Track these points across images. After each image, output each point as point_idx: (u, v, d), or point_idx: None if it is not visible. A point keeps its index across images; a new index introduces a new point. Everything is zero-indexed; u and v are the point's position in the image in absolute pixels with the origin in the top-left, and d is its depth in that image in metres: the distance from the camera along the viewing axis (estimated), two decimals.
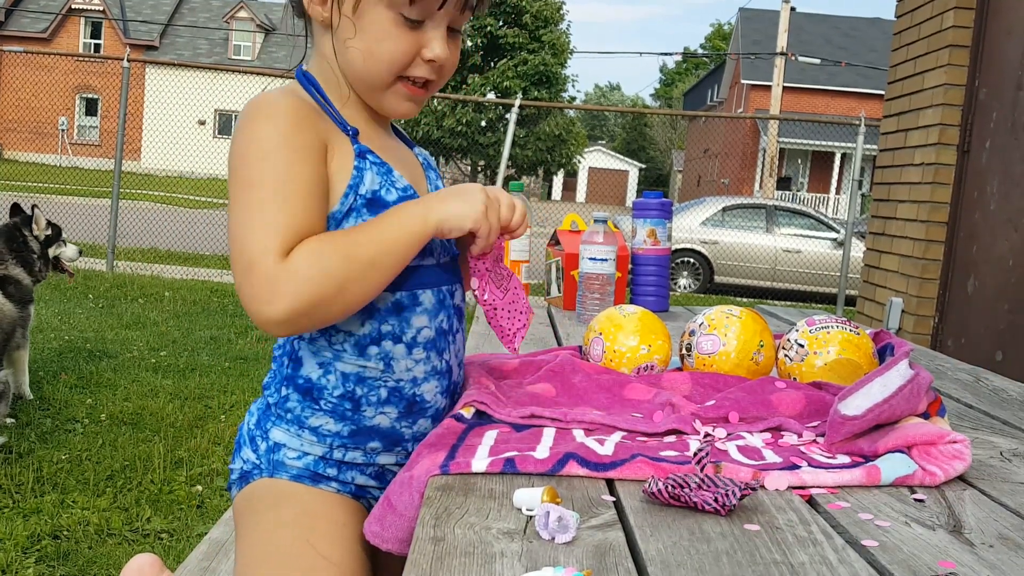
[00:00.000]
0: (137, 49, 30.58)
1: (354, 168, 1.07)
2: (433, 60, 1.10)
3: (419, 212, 1.05)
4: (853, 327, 1.30)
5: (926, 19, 4.65)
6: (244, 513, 1.15)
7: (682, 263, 11.85)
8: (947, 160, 4.41)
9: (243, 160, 1.02)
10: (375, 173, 1.09)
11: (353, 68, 1.10)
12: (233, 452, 1.20)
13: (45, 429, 3.69)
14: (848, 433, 1.00)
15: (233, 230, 1.00)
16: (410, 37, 1.08)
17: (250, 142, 1.02)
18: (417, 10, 1.07)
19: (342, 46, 1.09)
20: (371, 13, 1.07)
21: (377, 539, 0.94)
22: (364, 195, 1.07)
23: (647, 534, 0.78)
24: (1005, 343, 3.91)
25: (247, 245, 0.98)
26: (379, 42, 1.07)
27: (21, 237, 4.05)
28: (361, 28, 1.07)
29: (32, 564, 2.54)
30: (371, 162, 1.09)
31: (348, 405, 1.12)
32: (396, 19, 1.07)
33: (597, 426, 1.08)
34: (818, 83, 30.57)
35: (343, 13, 1.08)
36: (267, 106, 1.04)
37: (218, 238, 11.11)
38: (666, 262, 2.29)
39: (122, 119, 8.69)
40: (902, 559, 0.76)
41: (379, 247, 1.02)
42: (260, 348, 5.61)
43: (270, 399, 1.17)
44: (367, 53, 1.08)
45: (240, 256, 0.98)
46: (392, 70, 1.09)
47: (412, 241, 1.04)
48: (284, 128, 1.02)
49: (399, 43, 1.08)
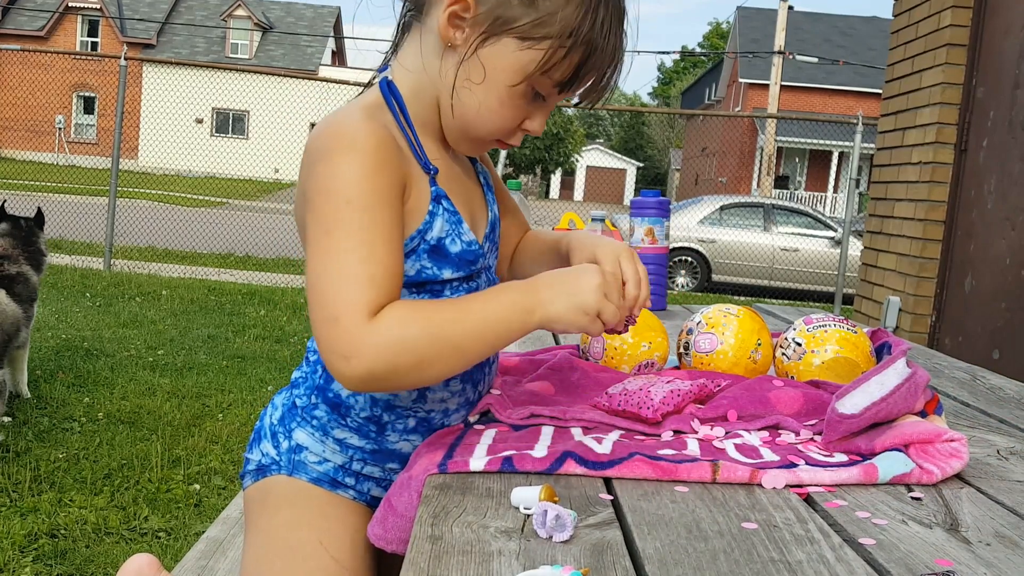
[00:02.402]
0: (134, 47, 30.51)
1: (428, 213, 1.03)
2: (529, 131, 1.07)
3: (525, 305, 0.97)
4: (851, 326, 1.30)
5: (924, 18, 4.65)
6: (258, 506, 1.15)
7: (680, 262, 11.86)
8: (944, 159, 4.42)
9: (324, 198, 0.95)
10: (445, 220, 1.04)
11: (462, 110, 1.03)
12: (251, 441, 1.20)
13: (42, 428, 3.68)
14: (846, 431, 1.00)
15: (315, 277, 0.94)
16: (526, 108, 1.04)
17: (332, 178, 0.95)
18: (549, 90, 1.03)
19: (460, 82, 1.02)
20: (504, 72, 1.00)
21: (380, 541, 0.94)
22: (430, 240, 1.03)
23: (645, 532, 0.78)
24: (1002, 342, 3.92)
25: (332, 297, 0.92)
26: (500, 104, 1.02)
27: (35, 236, 4.10)
28: (489, 79, 1.00)
29: (29, 563, 2.54)
30: (444, 208, 1.04)
31: (373, 428, 1.11)
32: (526, 91, 1.01)
33: (596, 424, 1.08)
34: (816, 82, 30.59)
35: (478, 53, 1.00)
36: (349, 137, 0.97)
37: (216, 236, 11.10)
38: (664, 261, 2.30)
39: (119, 117, 8.68)
40: (899, 557, 0.76)
41: (471, 332, 0.95)
42: (258, 347, 5.61)
43: (298, 400, 1.15)
44: (485, 107, 1.02)
45: (323, 306, 0.92)
46: (497, 134, 1.05)
47: (509, 336, 0.97)
48: (368, 167, 0.95)
49: (516, 112, 1.04)
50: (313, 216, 0.96)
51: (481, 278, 1.12)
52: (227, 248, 10.84)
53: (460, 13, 0.99)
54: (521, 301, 0.97)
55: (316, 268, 0.94)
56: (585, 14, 0.98)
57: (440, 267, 1.05)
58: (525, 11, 0.98)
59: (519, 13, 0.98)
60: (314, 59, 33.50)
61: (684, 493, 0.88)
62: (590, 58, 1.00)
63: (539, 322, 0.97)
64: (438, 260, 1.04)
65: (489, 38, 0.99)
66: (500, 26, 0.99)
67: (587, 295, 0.98)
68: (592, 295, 0.98)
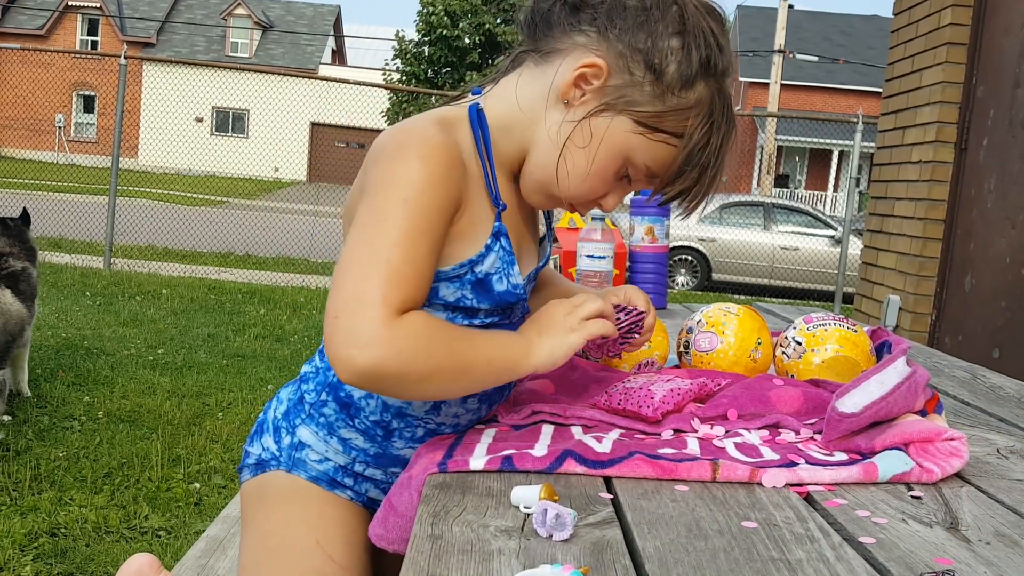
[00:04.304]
0: (134, 46, 30.51)
1: (484, 247, 1.03)
2: (601, 207, 1.08)
3: (522, 349, 1.00)
4: (851, 324, 1.30)
5: (924, 16, 4.65)
6: (256, 502, 1.15)
7: (680, 260, 11.86)
8: (944, 158, 4.41)
9: (384, 190, 0.95)
10: (498, 258, 1.04)
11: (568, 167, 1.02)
12: (252, 434, 1.19)
13: (42, 427, 3.68)
14: (845, 430, 1.00)
15: (353, 258, 0.93)
16: (611, 184, 1.05)
17: (396, 175, 0.95)
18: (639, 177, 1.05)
19: (565, 140, 1.02)
20: (609, 147, 1.01)
21: (382, 541, 0.94)
22: (478, 273, 1.03)
23: (645, 531, 0.78)
24: (1002, 340, 3.92)
25: (367, 280, 0.91)
26: (593, 174, 1.03)
27: (25, 234, 4.14)
28: (592, 146, 1.01)
29: (29, 562, 2.54)
30: (501, 246, 1.04)
31: (380, 432, 1.11)
32: (620, 170, 1.04)
33: (596, 423, 1.08)
34: (816, 81, 30.56)
35: (591, 121, 1.01)
36: (425, 143, 0.97)
37: (216, 235, 11.10)
38: (664, 259, 2.30)
39: (119, 116, 8.68)
40: (899, 556, 0.76)
41: (481, 358, 0.97)
42: (258, 346, 5.61)
43: (306, 395, 1.14)
44: (576, 171, 1.02)
45: (353, 286, 0.91)
46: (575, 199, 1.06)
47: (508, 372, 1.00)
48: (434, 177, 0.95)
49: (602, 186, 1.05)
50: (368, 204, 0.96)
51: (516, 313, 1.12)
52: (227, 247, 10.83)
53: (590, 78, 1.00)
54: (521, 347, 1.01)
55: (355, 250, 0.93)
56: (704, 127, 1.00)
57: (480, 300, 1.05)
58: (651, 101, 0.99)
59: (645, 100, 0.99)
60: (314, 58, 33.49)
61: (684, 492, 0.88)
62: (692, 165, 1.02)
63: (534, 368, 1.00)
64: (480, 294, 1.04)
65: (608, 111, 1.00)
66: (623, 104, 1.00)
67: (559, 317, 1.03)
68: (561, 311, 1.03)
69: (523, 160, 1.06)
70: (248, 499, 1.17)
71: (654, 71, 0.98)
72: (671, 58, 0.98)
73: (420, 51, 27.47)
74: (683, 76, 0.98)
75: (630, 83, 0.99)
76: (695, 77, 0.99)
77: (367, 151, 1.04)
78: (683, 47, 0.98)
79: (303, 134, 28.40)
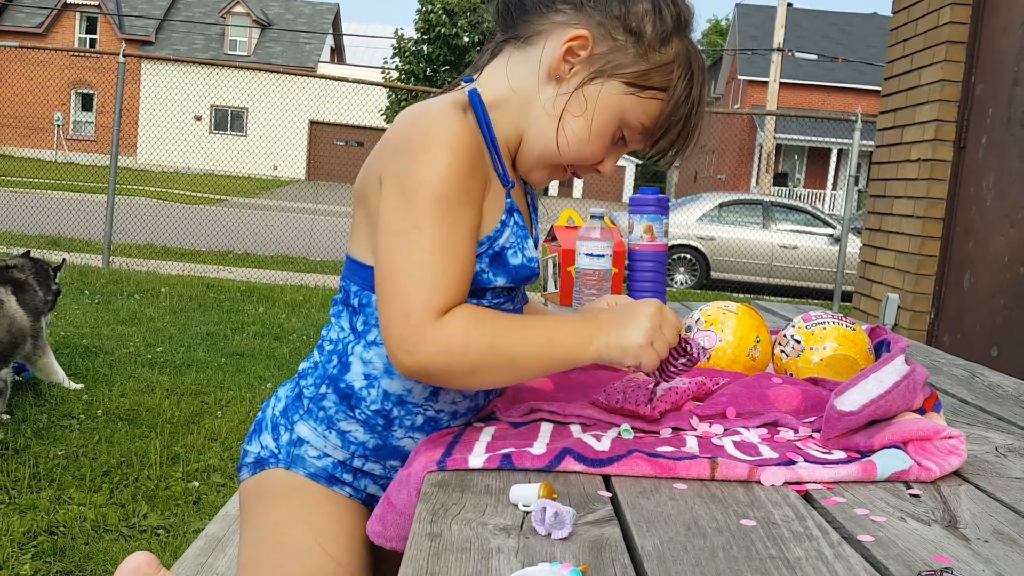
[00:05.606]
0: (133, 44, 30.48)
1: (500, 223, 1.06)
2: (600, 171, 1.12)
3: (585, 335, 0.99)
4: (849, 323, 1.31)
5: (923, 15, 4.65)
6: (254, 501, 1.15)
7: (679, 259, 11.86)
8: (943, 156, 4.41)
9: (417, 191, 0.97)
10: (513, 233, 1.07)
11: (568, 136, 1.06)
12: (251, 433, 1.20)
13: (41, 425, 3.68)
14: (844, 429, 1.00)
15: (394, 268, 0.98)
16: (609, 147, 1.10)
17: (428, 172, 0.97)
18: (633, 136, 1.09)
19: (562, 111, 1.06)
20: (604, 111, 1.06)
21: (380, 538, 0.95)
22: (495, 248, 1.06)
23: (643, 530, 0.78)
24: (1001, 339, 3.92)
25: (409, 293, 0.96)
26: (594, 138, 1.07)
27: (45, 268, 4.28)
28: (588, 113, 1.05)
29: (28, 560, 2.54)
30: (515, 222, 1.08)
31: (380, 421, 1.11)
32: (616, 133, 1.08)
33: (595, 421, 1.08)
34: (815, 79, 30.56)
35: (583, 89, 1.05)
36: (448, 132, 0.99)
37: (214, 234, 11.09)
38: (663, 258, 2.29)
39: (118, 114, 8.67)
40: (897, 554, 0.76)
41: (528, 351, 0.99)
42: (256, 344, 5.60)
43: (305, 390, 1.15)
44: (576, 138, 1.06)
45: (398, 299, 0.97)
46: (578, 162, 1.10)
47: (565, 362, 1.00)
48: (464, 166, 0.98)
49: (600, 151, 1.09)
50: (404, 205, 0.98)
51: (518, 294, 1.15)
52: (226, 245, 10.83)
53: (577, 50, 1.05)
54: (584, 331, 1.00)
55: (396, 260, 0.98)
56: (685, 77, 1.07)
57: (496, 275, 1.07)
58: (636, 61, 1.05)
59: (630, 61, 1.05)
60: (313, 56, 33.47)
61: (683, 490, 0.88)
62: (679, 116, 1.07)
63: (596, 355, 0.99)
64: (496, 268, 1.07)
65: (598, 78, 1.05)
66: (612, 69, 1.05)
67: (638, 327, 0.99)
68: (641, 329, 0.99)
69: (519, 141, 1.10)
70: (247, 497, 1.17)
71: (633, 34, 1.05)
72: (646, 19, 1.05)
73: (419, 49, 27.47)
74: (660, 34, 1.05)
75: (614, 48, 1.05)
76: (670, 33, 1.06)
77: (367, 149, 1.05)
78: (654, 8, 1.06)
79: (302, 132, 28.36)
